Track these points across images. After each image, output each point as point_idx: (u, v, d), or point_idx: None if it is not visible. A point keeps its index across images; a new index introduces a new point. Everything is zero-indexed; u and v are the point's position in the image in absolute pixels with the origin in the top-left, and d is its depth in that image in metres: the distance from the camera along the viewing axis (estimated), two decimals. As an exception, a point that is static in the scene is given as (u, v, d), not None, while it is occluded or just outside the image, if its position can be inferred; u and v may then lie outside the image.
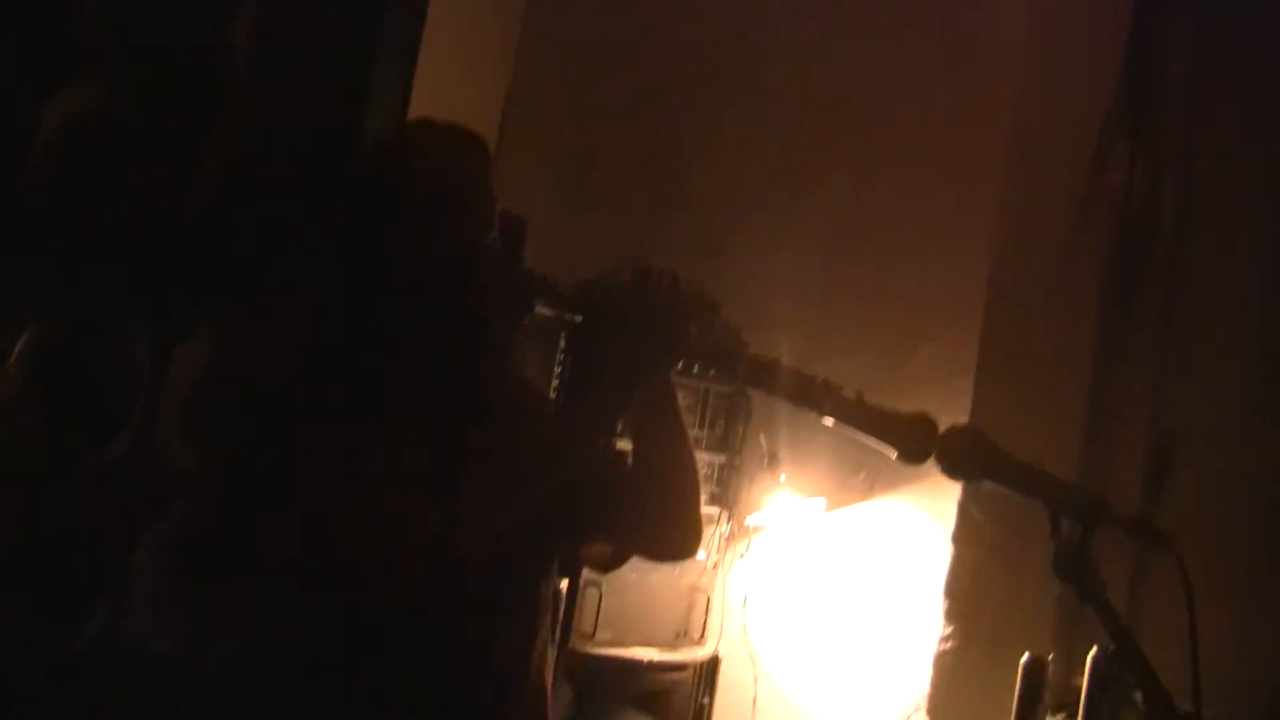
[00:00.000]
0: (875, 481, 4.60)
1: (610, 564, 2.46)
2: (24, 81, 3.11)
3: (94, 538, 3.50)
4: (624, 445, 2.31)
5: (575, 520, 2.21)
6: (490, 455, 2.05)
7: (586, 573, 4.34)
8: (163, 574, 3.56)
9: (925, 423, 1.86)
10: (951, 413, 2.19)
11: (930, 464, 4.19)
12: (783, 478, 4.68)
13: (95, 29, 3.12)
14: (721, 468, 4.64)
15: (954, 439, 1.85)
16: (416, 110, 2.91)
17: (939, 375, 4.17)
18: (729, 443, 4.68)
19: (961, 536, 4.38)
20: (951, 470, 1.85)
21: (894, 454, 1.88)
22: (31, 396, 3.39)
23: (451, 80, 2.38)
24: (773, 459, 4.67)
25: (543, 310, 2.35)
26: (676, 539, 2.35)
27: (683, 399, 4.34)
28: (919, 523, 4.54)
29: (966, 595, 4.37)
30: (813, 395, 1.98)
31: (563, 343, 3.85)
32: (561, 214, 4.18)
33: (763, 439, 4.69)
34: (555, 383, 3.85)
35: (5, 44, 2.99)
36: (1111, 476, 4.17)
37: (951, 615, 4.38)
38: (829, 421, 2.01)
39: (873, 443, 1.91)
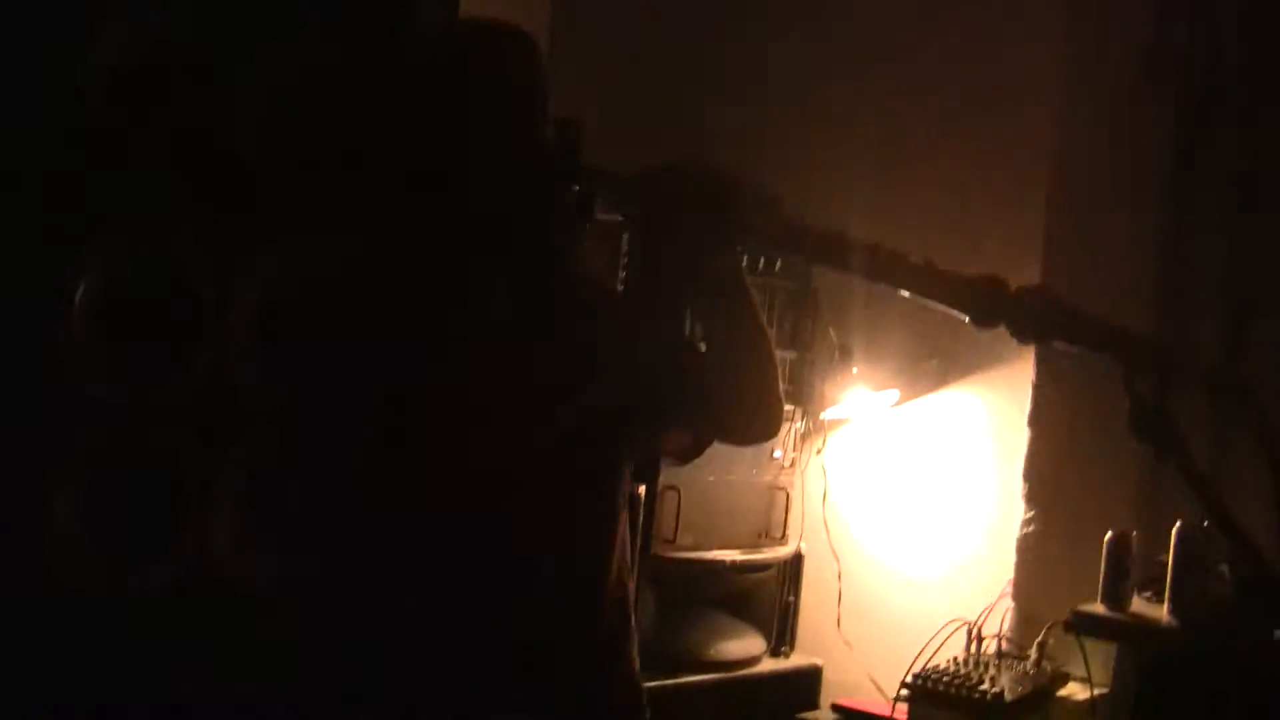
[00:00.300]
0: (948, 369, 4.58)
1: (690, 453, 2.44)
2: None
3: (171, 470, 3.54)
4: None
5: (652, 408, 2.20)
6: (562, 347, 2.04)
7: (664, 477, 4.35)
8: (242, 504, 3.59)
9: (995, 283, 1.84)
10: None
11: (1003, 348, 4.20)
12: (855, 371, 4.66)
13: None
14: (793, 364, 4.61)
15: (1025, 298, 1.82)
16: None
17: (1008, 251, 4.13)
18: (799, 339, 4.65)
19: (1038, 419, 4.35)
20: (1023, 332, 1.83)
21: (965, 318, 1.86)
22: (100, 334, 3.43)
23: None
24: (844, 353, 4.64)
25: (604, 215, 2.34)
26: (757, 419, 2.33)
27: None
28: (994, 408, 4.51)
29: (1046, 477, 4.35)
30: (880, 265, 1.95)
31: (625, 246, 3.83)
32: (614, 119, 4.14)
33: (833, 333, 4.66)
34: (621, 287, 3.84)
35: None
36: (1188, 342, 4.12)
37: (1032, 498, 4.35)
38: (904, 292, 1.98)
39: (943, 308, 1.88)
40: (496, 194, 2.13)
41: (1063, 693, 4.05)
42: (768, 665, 4.65)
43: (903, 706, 4.05)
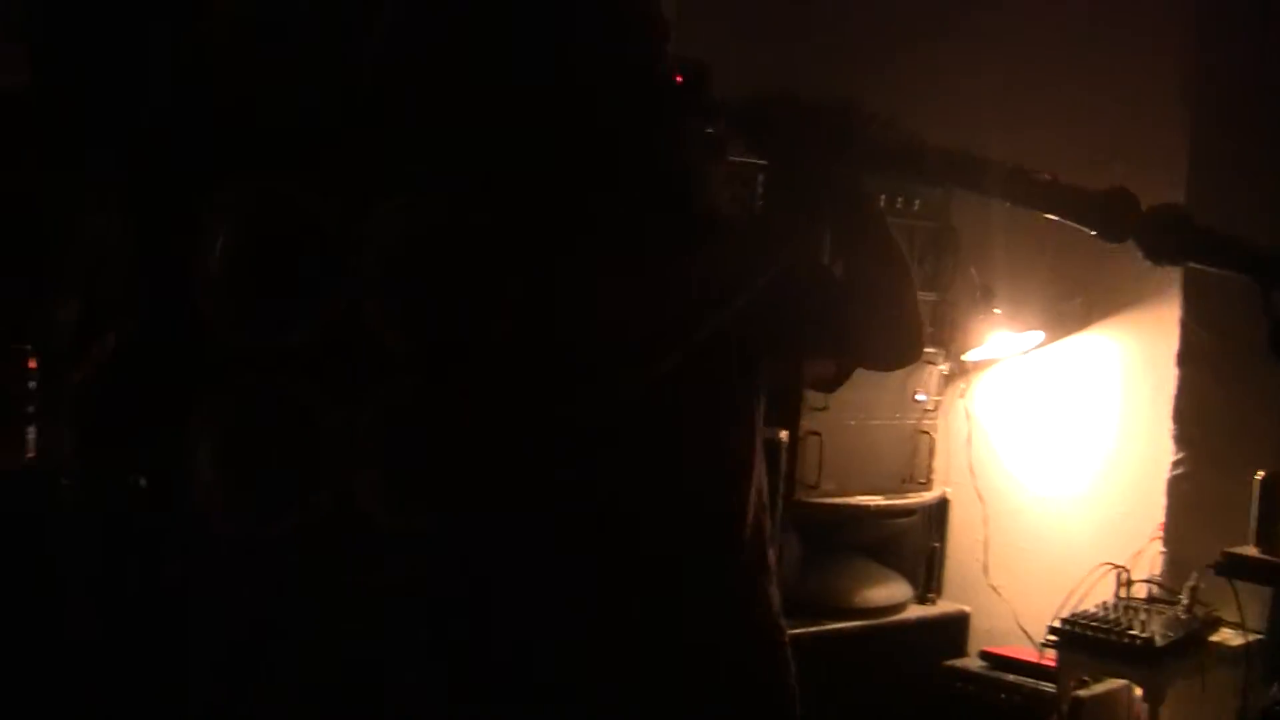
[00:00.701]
0: (1093, 309, 4.48)
1: (834, 381, 2.41)
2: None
3: (309, 415, 3.59)
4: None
5: (787, 334, 2.17)
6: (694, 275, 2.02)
7: (806, 422, 4.32)
8: (379, 449, 3.64)
9: (1125, 197, 1.77)
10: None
11: (1148, 286, 4.09)
12: (998, 312, 4.57)
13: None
14: (934, 305, 4.55)
15: (1156, 214, 1.75)
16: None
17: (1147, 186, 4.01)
18: (940, 280, 4.59)
19: (1186, 357, 4.25)
20: (1153, 249, 1.75)
21: (1093, 233, 1.79)
22: (236, 284, 3.48)
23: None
24: (986, 293, 4.56)
25: (736, 157, 2.31)
26: (898, 342, 2.28)
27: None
28: (1141, 348, 4.41)
29: (1196, 417, 4.24)
30: (1003, 181, 1.89)
31: (760, 189, 3.80)
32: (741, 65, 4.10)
33: (974, 273, 4.58)
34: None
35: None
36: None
37: (1182, 440, 4.25)
38: (1044, 213, 1.91)
39: (1071, 223, 1.82)
40: (613, 124, 2.11)
41: (1215, 638, 3.97)
42: (914, 612, 4.62)
43: (1051, 652, 3.99)
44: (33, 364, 2.57)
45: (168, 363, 3.41)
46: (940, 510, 4.70)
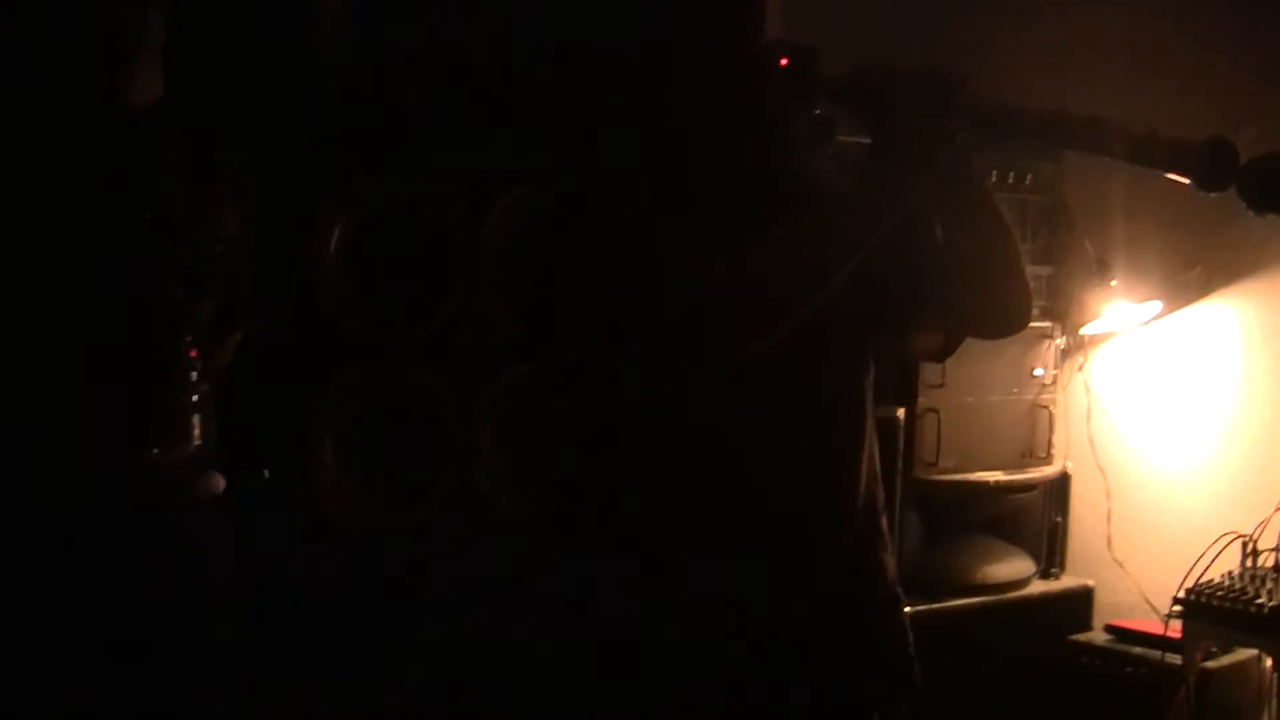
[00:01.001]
0: (1211, 278, 4.44)
1: (943, 351, 2.41)
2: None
3: (432, 405, 3.66)
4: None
5: (893, 306, 2.19)
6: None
7: (923, 399, 4.33)
8: (500, 437, 3.70)
9: (1223, 145, 1.76)
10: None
11: (1266, 253, 4.04)
12: (1114, 284, 4.54)
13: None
14: (1049, 279, 4.54)
15: (1256, 162, 1.76)
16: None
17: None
18: (1054, 253, 4.56)
19: (1311, 324, 4.21)
20: (1256, 198, 1.76)
21: (1191, 183, 1.80)
22: (356, 274, 3.56)
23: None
24: (1101, 265, 4.53)
25: (846, 138, 2.33)
26: (1005, 310, 2.29)
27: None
28: (1261, 316, 4.36)
29: (1319, 384, 4.20)
30: (1099, 137, 1.90)
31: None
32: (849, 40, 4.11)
33: (1088, 245, 4.55)
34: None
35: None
36: None
37: (1306, 407, 4.21)
38: (1141, 166, 1.92)
39: (1169, 175, 1.83)
40: (707, 106, 2.14)
41: (1343, 607, 3.91)
42: (1038, 587, 4.61)
43: (1176, 624, 3.96)
44: (194, 354, 2.67)
45: (293, 359, 3.49)
46: (1061, 485, 4.68)
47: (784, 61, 2.16)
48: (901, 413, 4.27)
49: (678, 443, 2.09)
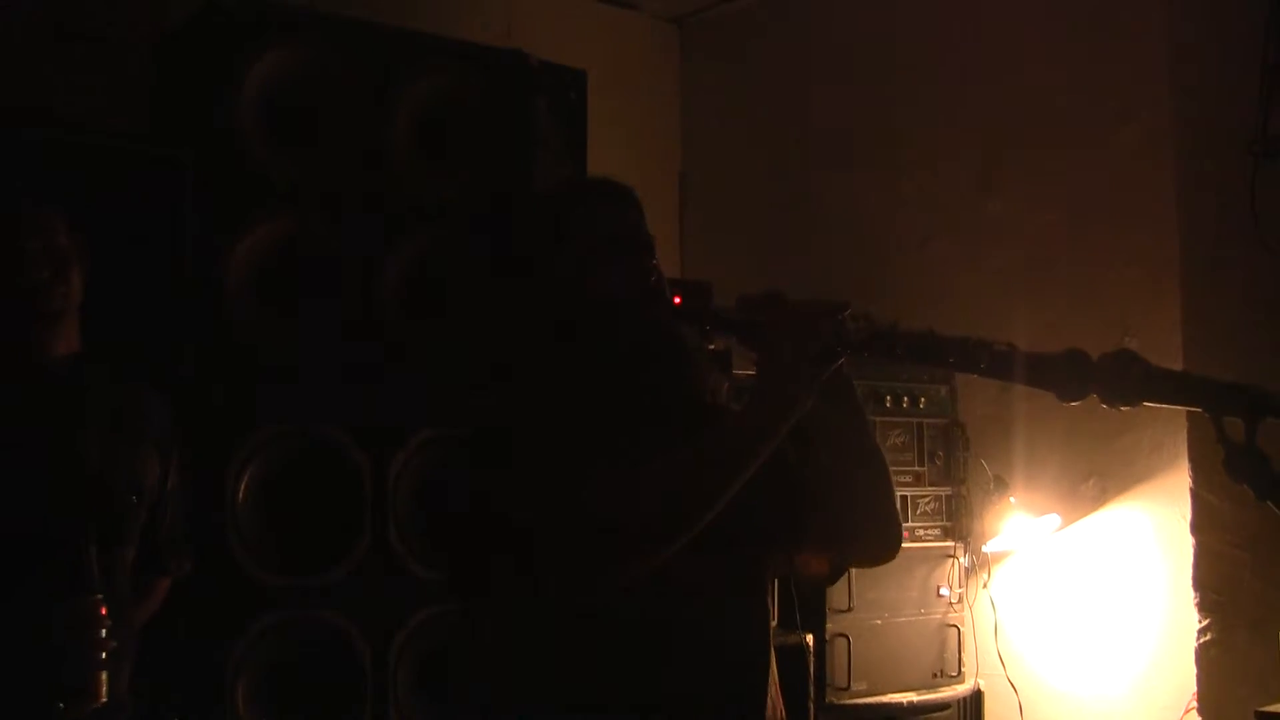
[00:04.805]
0: (1106, 487, 4.56)
1: (830, 577, 2.49)
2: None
3: (342, 650, 3.67)
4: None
5: (785, 523, 2.26)
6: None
7: (832, 624, 4.38)
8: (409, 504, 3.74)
9: (1077, 356, 1.87)
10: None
11: (1157, 458, 4.14)
12: (1013, 500, 4.66)
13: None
14: (949, 499, 4.64)
15: (1106, 365, 1.86)
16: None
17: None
18: (952, 473, 4.68)
19: (1201, 525, 4.30)
20: (1111, 397, 1.84)
21: (1054, 394, 1.90)
22: (265, 524, 3.60)
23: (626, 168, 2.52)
24: (999, 482, 4.66)
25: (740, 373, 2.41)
26: (886, 534, 2.37)
27: (898, 436, 4.40)
28: (1157, 520, 4.46)
29: (1218, 584, 4.28)
30: (967, 355, 2.00)
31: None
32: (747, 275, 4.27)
33: (985, 464, 4.68)
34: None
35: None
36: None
37: (1206, 607, 4.28)
38: (1006, 380, 2.02)
39: (1033, 387, 1.93)
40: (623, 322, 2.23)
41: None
42: (956, 811, 4.60)
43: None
44: (104, 610, 2.69)
45: (212, 603, 3.51)
46: (975, 702, 4.70)
47: (678, 300, 2.26)
48: (810, 638, 4.31)
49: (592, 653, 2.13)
